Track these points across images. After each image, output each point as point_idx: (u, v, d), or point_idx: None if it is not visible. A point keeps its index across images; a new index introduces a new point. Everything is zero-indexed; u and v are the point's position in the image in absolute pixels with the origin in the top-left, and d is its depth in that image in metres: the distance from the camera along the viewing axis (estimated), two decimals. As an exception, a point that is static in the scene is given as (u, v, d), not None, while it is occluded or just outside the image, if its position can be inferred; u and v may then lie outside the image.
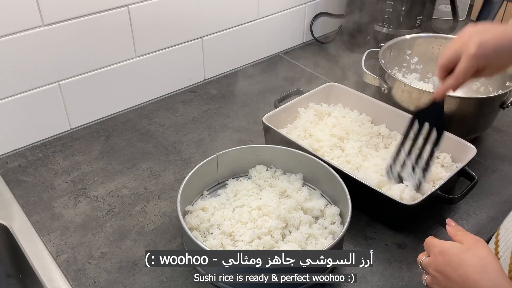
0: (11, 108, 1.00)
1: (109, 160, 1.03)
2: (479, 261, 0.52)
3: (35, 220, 0.88)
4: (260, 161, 0.95)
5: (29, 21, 0.94)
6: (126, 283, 0.77)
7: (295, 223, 0.83)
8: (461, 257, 0.54)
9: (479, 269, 0.51)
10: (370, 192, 0.83)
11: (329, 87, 1.13)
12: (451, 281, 0.54)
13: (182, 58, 1.23)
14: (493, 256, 0.53)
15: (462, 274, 0.52)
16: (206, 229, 0.82)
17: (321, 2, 1.48)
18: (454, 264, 0.54)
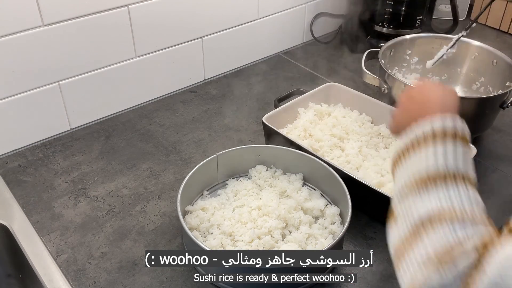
0: (11, 108, 1.00)
1: (109, 160, 1.03)
2: (441, 88, 0.57)
3: (35, 220, 0.88)
4: (260, 161, 0.95)
5: (29, 21, 0.94)
6: (126, 283, 0.77)
7: (295, 223, 0.83)
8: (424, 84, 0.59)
9: (438, 91, 0.56)
10: (370, 192, 0.83)
11: (329, 87, 1.13)
12: (412, 101, 0.58)
13: (182, 58, 1.23)
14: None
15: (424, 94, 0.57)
16: (206, 229, 0.82)
17: (321, 2, 1.48)
18: (417, 89, 0.59)
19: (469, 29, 1.02)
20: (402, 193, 0.51)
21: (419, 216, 0.47)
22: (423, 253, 0.45)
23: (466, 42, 1.15)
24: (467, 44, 1.15)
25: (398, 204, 0.51)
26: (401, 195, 0.51)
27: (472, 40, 1.15)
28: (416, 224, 0.47)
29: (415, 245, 0.47)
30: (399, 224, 0.50)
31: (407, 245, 0.48)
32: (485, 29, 1.62)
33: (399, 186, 0.52)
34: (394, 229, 0.51)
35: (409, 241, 0.47)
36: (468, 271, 0.43)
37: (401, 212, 0.50)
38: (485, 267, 0.42)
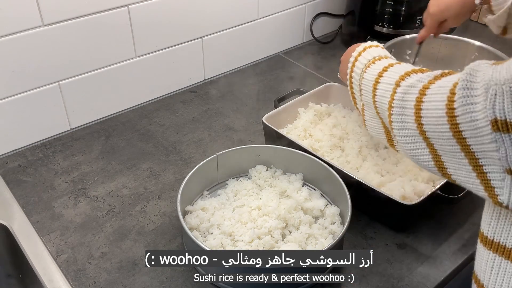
0: (11, 108, 1.00)
1: (109, 160, 1.03)
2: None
3: (35, 220, 0.88)
4: (260, 161, 0.95)
5: (29, 21, 0.94)
6: (126, 283, 0.77)
7: (295, 223, 0.83)
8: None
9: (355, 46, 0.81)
10: (370, 192, 0.83)
11: (329, 87, 1.13)
12: (345, 56, 0.84)
13: (182, 58, 1.23)
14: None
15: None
16: (206, 229, 0.82)
17: (321, 2, 1.48)
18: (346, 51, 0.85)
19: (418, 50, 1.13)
20: (361, 71, 0.75)
21: (379, 68, 0.70)
22: (386, 82, 0.67)
23: (466, 42, 1.14)
24: (467, 44, 1.15)
25: (362, 77, 0.74)
26: (361, 72, 0.75)
27: (472, 40, 1.15)
28: (380, 70, 0.70)
29: (378, 85, 0.69)
30: (363, 85, 0.73)
31: (374, 83, 0.70)
32: (485, 29, 1.62)
33: (357, 72, 0.76)
34: (363, 87, 0.74)
35: (375, 80, 0.69)
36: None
37: (365, 75, 0.73)
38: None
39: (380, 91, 0.67)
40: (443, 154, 0.56)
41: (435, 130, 0.55)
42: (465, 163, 0.53)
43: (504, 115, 0.45)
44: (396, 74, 0.64)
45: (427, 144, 0.58)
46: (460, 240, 0.86)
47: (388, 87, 0.64)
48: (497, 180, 0.50)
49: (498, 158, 0.48)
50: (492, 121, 0.46)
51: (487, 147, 0.48)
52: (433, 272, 0.80)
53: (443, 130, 0.53)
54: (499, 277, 0.56)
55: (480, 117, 0.48)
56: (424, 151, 0.58)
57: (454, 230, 0.88)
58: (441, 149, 0.56)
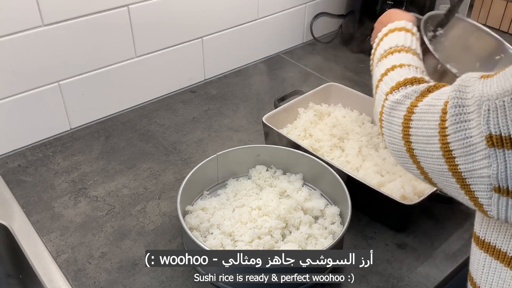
0: (11, 108, 1.00)
1: (109, 160, 1.03)
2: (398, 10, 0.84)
3: (35, 220, 0.88)
4: (260, 161, 0.95)
5: (29, 21, 0.94)
6: (126, 283, 0.77)
7: (295, 223, 0.83)
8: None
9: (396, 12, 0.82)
10: (370, 192, 0.83)
11: (329, 87, 1.13)
12: (383, 19, 0.84)
13: (182, 58, 1.23)
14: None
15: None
16: (206, 229, 0.82)
17: (321, 2, 1.48)
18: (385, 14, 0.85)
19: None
20: (377, 60, 0.74)
21: (385, 67, 0.68)
22: (385, 85, 0.65)
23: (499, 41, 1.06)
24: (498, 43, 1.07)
25: (375, 66, 0.73)
26: (377, 61, 0.74)
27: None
28: (382, 72, 0.68)
29: (380, 83, 0.67)
30: (374, 76, 0.72)
31: (377, 84, 0.68)
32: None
33: (376, 58, 0.75)
34: (373, 82, 0.72)
35: (378, 80, 0.68)
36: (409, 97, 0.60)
37: (376, 68, 0.72)
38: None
39: (377, 96, 0.67)
40: (430, 172, 0.56)
41: (424, 149, 0.55)
42: (453, 182, 0.53)
43: (499, 129, 0.46)
44: (388, 85, 0.64)
45: (413, 161, 0.58)
46: (460, 240, 0.86)
47: (381, 97, 0.64)
48: (484, 198, 0.50)
49: (487, 176, 0.48)
50: (487, 137, 0.47)
51: (477, 165, 0.49)
52: (433, 272, 0.80)
53: (433, 149, 0.53)
54: (490, 277, 0.57)
55: (475, 133, 0.48)
56: (412, 166, 0.59)
57: (454, 230, 0.88)
58: (428, 168, 0.56)
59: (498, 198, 0.49)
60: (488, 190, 0.49)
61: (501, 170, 0.47)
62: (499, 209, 0.50)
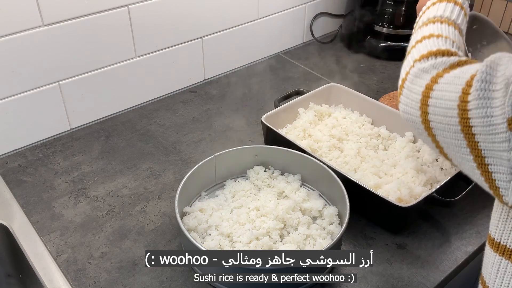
0: (11, 108, 1.00)
1: (109, 160, 1.03)
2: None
3: (35, 220, 0.88)
4: (258, 161, 0.95)
5: (29, 21, 0.94)
6: (126, 283, 0.77)
7: (293, 224, 0.83)
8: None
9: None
10: (367, 194, 0.83)
11: (330, 87, 1.13)
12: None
13: (182, 58, 1.23)
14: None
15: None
16: (204, 230, 0.82)
17: (321, 2, 1.48)
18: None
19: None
20: (418, 27, 0.69)
21: (422, 35, 0.64)
22: (416, 52, 0.62)
23: None
24: None
25: (414, 33, 0.69)
26: (417, 28, 0.69)
27: None
28: (418, 39, 0.64)
29: (412, 49, 0.63)
30: (410, 42, 0.67)
31: (409, 50, 0.64)
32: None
33: (418, 25, 0.70)
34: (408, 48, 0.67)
35: (412, 47, 0.64)
36: (441, 68, 0.56)
37: (414, 35, 0.68)
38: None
39: (405, 62, 0.64)
40: (446, 147, 0.54)
41: (441, 122, 0.52)
42: (470, 160, 0.50)
43: None
44: (419, 52, 0.61)
45: (428, 134, 0.56)
46: (460, 240, 0.86)
47: (409, 63, 0.61)
48: (502, 181, 0.48)
49: (507, 159, 0.46)
50: (509, 119, 0.44)
51: (498, 146, 0.46)
52: (433, 272, 0.80)
53: (451, 123, 0.51)
54: (505, 280, 0.54)
55: (497, 113, 0.45)
56: (427, 139, 0.56)
57: (454, 231, 0.88)
58: (444, 142, 0.54)
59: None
60: (508, 173, 0.47)
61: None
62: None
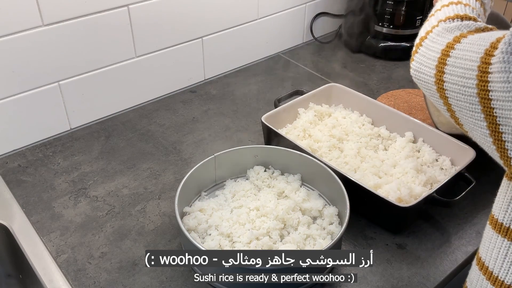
0: (11, 108, 1.00)
1: (109, 160, 1.03)
2: None
3: (35, 220, 0.88)
4: (258, 161, 0.95)
5: (29, 21, 0.94)
6: (126, 283, 0.77)
7: (293, 224, 0.83)
8: None
9: None
10: (366, 194, 0.83)
11: (330, 87, 1.13)
12: None
13: (182, 58, 1.23)
14: None
15: None
16: (204, 230, 0.82)
17: (321, 2, 1.48)
18: None
19: None
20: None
21: (450, 0, 0.62)
22: (442, 14, 0.60)
23: None
24: None
25: (437, 4, 0.66)
26: (439, 1, 0.66)
27: None
28: (445, 3, 0.62)
29: (437, 12, 0.61)
30: (432, 10, 0.65)
31: (433, 13, 0.63)
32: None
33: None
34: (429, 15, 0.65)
35: (436, 10, 0.62)
36: (463, 31, 0.55)
37: (439, 2, 0.65)
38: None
39: (427, 23, 0.62)
40: (458, 110, 0.52)
41: (457, 83, 0.51)
42: (483, 126, 0.49)
43: None
44: (446, 14, 0.60)
45: (440, 96, 0.54)
46: (460, 240, 0.86)
47: (432, 23, 0.60)
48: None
49: None
50: None
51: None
52: (433, 272, 0.80)
53: (468, 85, 0.49)
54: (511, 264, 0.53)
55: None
56: (439, 101, 0.55)
57: (454, 231, 0.88)
58: (457, 105, 0.52)
59: None
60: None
61: None
62: None
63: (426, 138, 0.99)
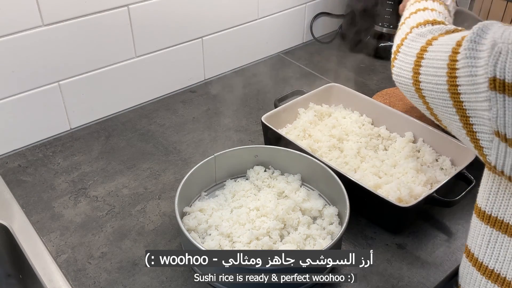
0: (11, 108, 1.00)
1: (109, 160, 1.03)
2: None
3: (35, 220, 0.88)
4: (258, 161, 0.95)
5: (29, 21, 0.94)
6: (126, 283, 0.77)
7: (293, 224, 0.83)
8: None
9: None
10: (367, 194, 0.83)
11: (330, 87, 1.13)
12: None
13: (182, 58, 1.23)
14: None
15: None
16: (204, 230, 0.82)
17: (321, 2, 1.48)
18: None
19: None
20: (409, 5, 0.73)
21: (416, 8, 0.69)
22: (412, 20, 0.65)
23: None
24: None
25: (406, 10, 0.73)
26: (408, 5, 0.73)
27: None
28: (413, 11, 0.69)
29: (407, 20, 0.67)
30: (401, 18, 0.72)
31: (403, 21, 0.68)
32: None
33: (408, 4, 0.74)
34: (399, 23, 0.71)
35: (406, 18, 0.68)
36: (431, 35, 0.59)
37: (406, 11, 0.71)
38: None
39: (400, 31, 0.67)
40: (435, 107, 0.56)
41: (430, 82, 0.55)
42: (456, 120, 0.53)
43: (504, 74, 0.45)
44: (416, 21, 0.65)
45: (419, 96, 0.58)
46: (460, 240, 0.86)
47: (405, 30, 0.65)
48: (485, 140, 0.50)
49: (488, 118, 0.48)
50: (491, 79, 0.46)
51: (480, 106, 0.49)
52: (433, 272, 0.80)
53: (440, 82, 0.53)
54: (496, 251, 0.57)
55: (480, 72, 0.47)
56: (418, 100, 0.59)
57: (454, 230, 0.88)
58: (433, 103, 0.56)
59: (499, 143, 0.48)
60: (489, 132, 0.49)
61: (500, 115, 0.47)
62: (498, 155, 0.49)
63: (426, 138, 0.99)
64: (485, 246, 0.59)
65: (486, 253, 0.58)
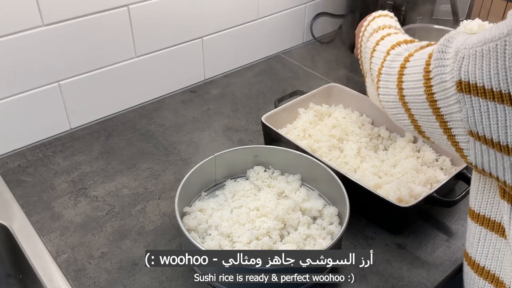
0: (11, 108, 1.00)
1: (109, 160, 1.03)
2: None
3: (35, 220, 0.88)
4: (258, 161, 0.95)
5: (29, 21, 0.94)
6: (126, 283, 0.77)
7: (293, 224, 0.83)
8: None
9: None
10: (366, 194, 0.83)
11: (330, 87, 1.13)
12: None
13: (182, 58, 1.23)
14: None
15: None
16: (204, 230, 0.82)
17: (321, 2, 1.48)
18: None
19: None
20: (366, 39, 0.77)
21: (381, 35, 0.73)
22: (384, 46, 0.70)
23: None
24: None
25: (366, 42, 0.77)
26: (366, 40, 0.78)
27: None
28: (378, 38, 0.73)
29: (377, 47, 0.71)
30: (364, 51, 0.77)
31: (372, 50, 0.72)
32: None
33: (364, 37, 0.79)
34: (365, 55, 0.77)
35: (374, 47, 0.72)
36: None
37: (368, 43, 0.75)
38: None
39: (374, 59, 0.71)
40: (419, 118, 0.60)
41: (412, 94, 0.59)
42: (437, 126, 0.57)
43: (468, 76, 0.49)
44: (388, 43, 0.69)
45: (405, 110, 0.61)
46: (460, 240, 0.86)
47: (380, 55, 0.68)
48: (463, 142, 0.54)
49: (461, 119, 0.52)
50: (457, 82, 0.50)
51: (452, 109, 0.52)
52: (433, 272, 0.80)
53: (419, 93, 0.57)
54: (485, 249, 0.60)
55: (448, 78, 0.52)
56: (404, 115, 0.62)
57: (454, 230, 0.88)
58: (417, 113, 0.60)
59: (474, 142, 0.52)
60: (465, 134, 0.53)
61: (470, 115, 0.50)
62: (476, 154, 0.53)
63: (426, 138, 0.99)
64: (476, 245, 0.61)
65: (478, 251, 0.61)
